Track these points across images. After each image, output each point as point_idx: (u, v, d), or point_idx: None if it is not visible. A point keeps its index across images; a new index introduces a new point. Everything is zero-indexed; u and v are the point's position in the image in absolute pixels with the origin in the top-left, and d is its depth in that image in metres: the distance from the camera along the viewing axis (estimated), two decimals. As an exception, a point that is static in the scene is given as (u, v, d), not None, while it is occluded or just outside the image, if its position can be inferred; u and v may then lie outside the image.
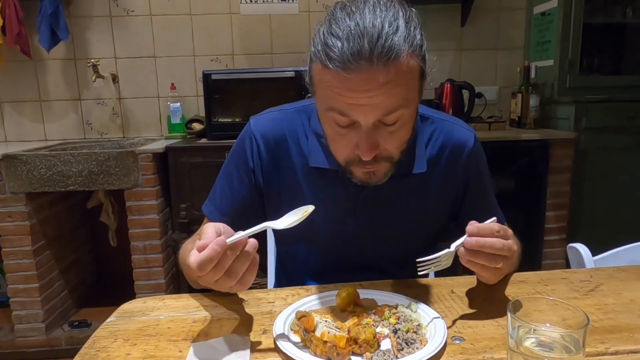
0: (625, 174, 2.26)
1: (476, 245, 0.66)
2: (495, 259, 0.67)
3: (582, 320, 0.45)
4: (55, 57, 2.47)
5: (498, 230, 0.67)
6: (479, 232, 0.66)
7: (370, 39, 0.63)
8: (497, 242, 0.66)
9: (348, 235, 0.89)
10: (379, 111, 0.68)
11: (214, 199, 0.92)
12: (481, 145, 0.93)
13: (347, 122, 0.71)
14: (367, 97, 0.66)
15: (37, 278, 2.08)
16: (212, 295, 0.80)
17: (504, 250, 0.67)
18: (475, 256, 0.67)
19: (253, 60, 2.55)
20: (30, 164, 1.98)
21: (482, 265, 0.68)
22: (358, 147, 0.72)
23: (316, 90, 0.73)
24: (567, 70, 2.30)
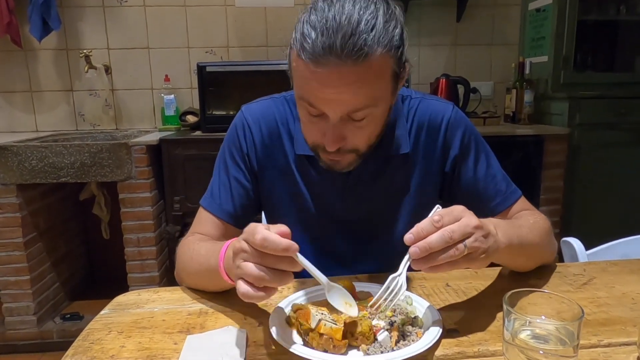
0: (618, 169, 2.27)
1: (422, 252, 0.57)
2: (455, 249, 0.57)
3: (576, 312, 0.46)
4: (47, 47, 2.44)
5: (438, 220, 0.57)
6: (417, 236, 0.57)
7: (344, 35, 0.63)
8: (445, 232, 0.56)
9: (337, 220, 0.90)
10: (346, 107, 0.69)
11: (214, 193, 0.91)
12: (465, 117, 0.91)
13: (317, 112, 0.72)
14: (334, 92, 0.67)
15: (28, 270, 2.06)
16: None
17: (457, 234, 0.57)
18: (429, 261, 0.57)
19: (248, 52, 2.54)
20: (22, 155, 1.96)
21: (451, 263, 0.58)
22: (324, 137, 0.73)
23: (292, 76, 0.74)
24: (562, 66, 2.31)
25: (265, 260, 0.56)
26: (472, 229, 0.58)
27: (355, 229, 0.91)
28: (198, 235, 0.87)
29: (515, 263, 0.81)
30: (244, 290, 0.57)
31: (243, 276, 0.57)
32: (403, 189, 0.90)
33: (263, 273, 0.55)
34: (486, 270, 0.86)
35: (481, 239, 0.59)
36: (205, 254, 0.75)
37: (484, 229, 0.60)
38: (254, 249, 0.56)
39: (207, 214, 0.89)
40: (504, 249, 0.65)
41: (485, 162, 0.90)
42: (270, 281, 0.56)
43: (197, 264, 0.77)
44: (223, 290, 0.78)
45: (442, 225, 0.57)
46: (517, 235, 0.70)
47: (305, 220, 0.91)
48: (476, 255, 0.59)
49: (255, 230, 0.55)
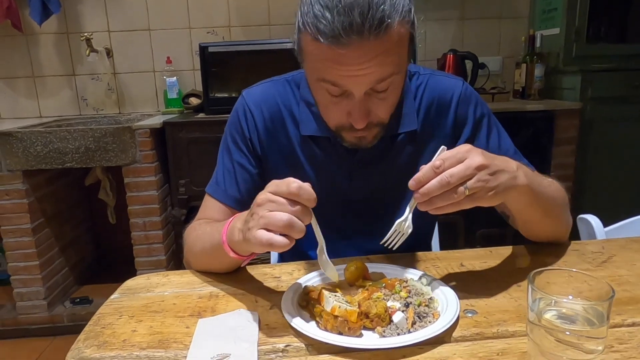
0: (631, 145, 2.22)
1: (425, 196, 0.59)
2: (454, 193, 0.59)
3: (606, 291, 0.43)
4: (48, 32, 2.40)
5: (438, 165, 0.59)
6: (419, 182, 0.60)
7: (361, 11, 0.61)
8: (442, 178, 0.58)
9: (346, 200, 0.89)
10: (372, 80, 0.67)
11: (219, 180, 0.89)
12: (476, 92, 0.90)
13: (339, 91, 0.69)
14: (360, 69, 0.65)
15: (37, 256, 2.07)
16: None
17: (455, 178, 0.58)
18: (432, 204, 0.60)
19: (250, 32, 2.48)
20: (26, 141, 1.95)
21: (454, 204, 0.60)
22: (350, 116, 0.71)
23: (306, 60, 0.71)
24: (574, 38, 2.24)
25: (295, 210, 0.58)
26: (473, 170, 0.59)
27: (363, 208, 0.90)
28: (204, 220, 0.87)
29: (532, 215, 0.76)
30: (268, 237, 0.57)
31: (268, 225, 0.57)
32: (411, 167, 0.87)
33: (293, 220, 0.57)
34: (500, 250, 0.84)
35: (486, 178, 0.60)
36: (210, 231, 0.75)
37: (491, 167, 0.60)
38: (285, 199, 0.58)
39: (213, 201, 0.88)
40: (524, 188, 0.65)
41: (497, 137, 0.89)
42: (297, 228, 0.57)
43: (202, 242, 0.77)
44: (230, 271, 0.77)
45: (442, 171, 0.59)
46: (538, 183, 0.71)
47: None
48: (482, 194, 0.60)
49: (289, 181, 0.58)
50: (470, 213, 0.63)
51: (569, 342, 0.42)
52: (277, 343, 0.57)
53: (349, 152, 0.85)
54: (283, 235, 0.57)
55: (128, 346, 0.58)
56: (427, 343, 0.55)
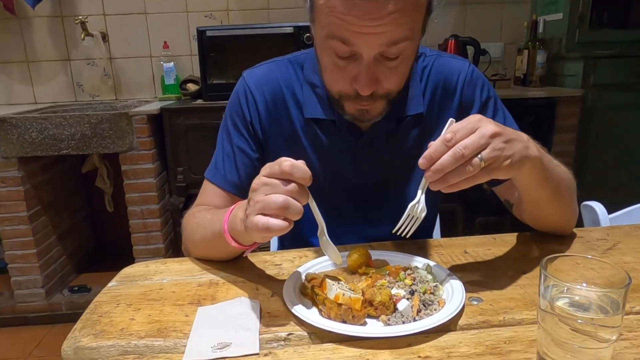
0: (633, 132, 2.21)
1: (436, 175, 0.56)
2: (469, 166, 0.55)
3: (622, 279, 0.42)
4: (41, 15, 2.35)
5: (449, 138, 0.56)
6: (431, 159, 0.56)
7: None
8: (455, 151, 0.55)
9: (349, 184, 0.87)
10: (385, 40, 0.64)
11: (218, 165, 0.87)
12: (483, 75, 0.88)
13: (348, 52, 0.66)
14: (374, 25, 0.62)
15: (34, 244, 2.05)
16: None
17: (469, 150, 0.55)
18: (446, 181, 0.56)
19: (249, 16, 2.44)
20: (21, 128, 1.91)
21: (469, 178, 0.56)
22: (356, 81, 0.68)
23: (317, 16, 0.67)
24: (577, 24, 2.20)
25: (290, 190, 0.55)
26: (487, 139, 0.56)
27: (368, 193, 0.88)
28: (204, 207, 0.85)
29: (540, 193, 0.72)
30: (265, 221, 0.55)
31: (264, 209, 0.55)
32: (417, 150, 0.85)
33: (289, 201, 0.55)
34: (505, 237, 0.83)
35: (501, 146, 0.57)
36: (211, 218, 0.73)
37: (505, 134, 0.58)
38: (278, 179, 0.56)
39: (212, 186, 0.86)
40: (536, 160, 0.63)
41: (503, 121, 0.87)
42: (294, 209, 0.55)
43: (203, 230, 0.75)
44: (230, 259, 0.75)
45: (454, 144, 0.56)
46: (549, 159, 0.69)
47: (315, 187, 0.86)
48: (498, 164, 0.57)
49: (280, 160, 0.56)
50: (470, 200, 0.61)
51: (582, 331, 0.41)
52: (279, 331, 0.56)
53: (354, 135, 0.83)
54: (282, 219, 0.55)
55: (126, 335, 0.56)
56: (432, 331, 0.54)
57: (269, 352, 0.53)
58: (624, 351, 0.51)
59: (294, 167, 0.55)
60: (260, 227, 0.55)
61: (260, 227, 0.55)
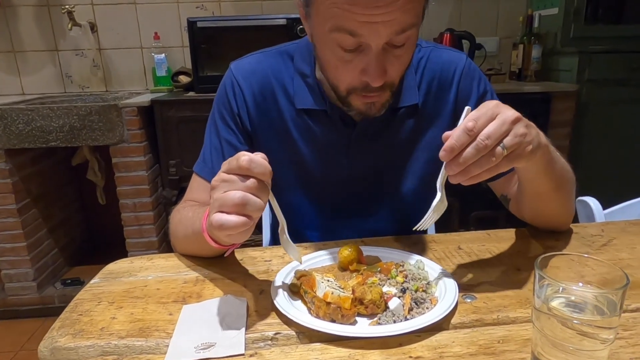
0: (627, 128, 2.20)
1: (459, 166, 0.53)
2: (491, 157, 0.53)
3: (619, 278, 0.40)
4: (27, 4, 2.29)
5: (471, 127, 0.53)
6: (453, 150, 0.53)
7: None
8: (479, 143, 0.52)
9: (342, 177, 0.85)
10: (394, 28, 0.61)
11: (206, 158, 0.85)
12: (478, 68, 0.86)
13: (354, 44, 0.63)
14: (382, 13, 0.59)
15: (24, 237, 2.02)
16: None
17: (492, 139, 0.52)
18: (468, 173, 0.54)
19: (241, 7, 2.39)
20: (7, 119, 1.88)
21: (491, 169, 0.54)
22: (366, 73, 0.65)
23: (316, 10, 0.65)
24: (572, 19, 2.19)
25: (249, 185, 0.53)
26: (509, 125, 0.54)
27: (362, 185, 0.86)
28: (189, 203, 0.83)
29: (544, 184, 0.70)
30: (218, 218, 0.52)
31: (222, 207, 0.53)
32: (412, 142, 0.84)
33: (247, 197, 0.52)
34: (499, 233, 0.82)
35: (522, 132, 0.55)
36: (192, 216, 0.71)
37: (524, 119, 0.56)
38: (236, 175, 0.53)
39: (200, 180, 0.84)
40: (545, 147, 0.62)
41: None
42: (253, 205, 0.52)
43: (184, 228, 0.73)
44: (216, 256, 0.73)
45: (477, 133, 0.53)
46: (553, 150, 0.68)
47: (307, 181, 0.85)
48: (520, 151, 0.55)
49: (238, 155, 0.53)
50: (465, 194, 0.59)
51: (578, 331, 0.39)
52: (266, 331, 0.54)
53: (347, 126, 0.81)
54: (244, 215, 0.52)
55: (106, 335, 0.54)
56: (424, 330, 0.53)
57: (255, 353, 0.51)
58: (620, 350, 0.50)
59: (252, 162, 0.53)
60: (215, 226, 0.52)
61: (215, 225, 0.52)
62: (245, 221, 0.52)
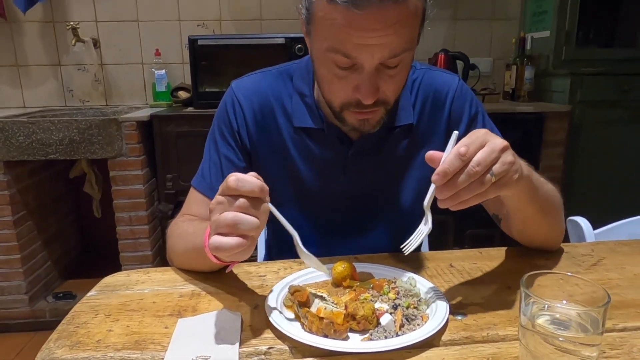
0: (619, 148, 2.24)
1: (450, 191, 0.55)
2: (480, 184, 0.55)
3: (601, 297, 0.42)
4: (32, 20, 2.33)
5: (464, 152, 0.54)
6: (446, 174, 0.54)
7: None
8: (470, 170, 0.54)
9: (339, 194, 0.87)
10: (386, 52, 0.64)
11: (204, 173, 0.87)
12: (470, 89, 0.89)
13: (349, 63, 0.66)
14: (376, 36, 0.62)
15: (18, 249, 2.02)
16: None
17: (482, 166, 0.54)
18: (458, 198, 0.55)
19: (241, 26, 2.44)
20: (8, 131, 1.89)
21: (479, 195, 0.55)
22: (358, 91, 0.68)
23: (316, 28, 0.68)
24: (564, 41, 2.25)
25: (240, 205, 0.53)
26: (498, 152, 0.56)
27: (358, 203, 0.87)
28: (188, 217, 0.84)
29: (529, 211, 0.72)
30: (214, 240, 0.53)
31: (218, 229, 0.54)
32: (407, 161, 0.86)
33: (238, 216, 0.53)
34: (491, 251, 0.83)
35: (510, 160, 0.57)
36: (193, 232, 0.72)
37: (511, 149, 0.58)
38: (228, 196, 0.54)
39: (198, 194, 0.85)
40: (526, 177, 0.63)
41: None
42: (246, 224, 0.53)
43: (185, 243, 0.74)
44: (213, 271, 0.74)
45: (469, 158, 0.54)
46: (536, 177, 0.69)
47: (304, 197, 0.87)
48: (508, 179, 0.57)
49: (227, 177, 0.54)
50: (460, 212, 0.60)
51: (562, 348, 0.40)
52: (259, 345, 0.55)
53: (344, 144, 0.83)
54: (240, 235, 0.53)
55: (102, 347, 0.55)
56: (415, 347, 0.54)
57: (248, 366, 0.52)
58: (606, 369, 0.51)
59: (239, 181, 0.53)
60: (213, 249, 0.54)
61: (211, 248, 0.54)
62: (240, 242, 0.53)
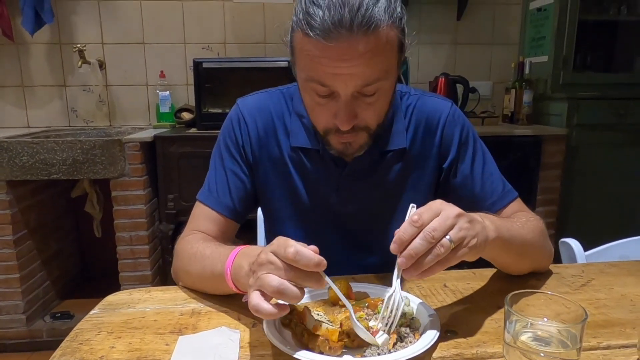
0: (615, 171, 2.27)
1: (409, 261, 0.55)
2: (440, 247, 0.56)
3: (579, 314, 0.44)
4: (39, 41, 2.40)
5: (417, 219, 0.56)
6: (402, 242, 0.56)
7: (351, 9, 0.64)
8: (426, 234, 0.55)
9: (333, 213, 0.90)
10: (358, 81, 0.68)
11: (211, 187, 0.89)
12: (464, 115, 0.91)
13: (327, 92, 0.71)
14: (347, 66, 0.66)
15: (17, 269, 2.02)
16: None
17: (439, 232, 0.55)
18: (418, 268, 0.56)
19: (245, 49, 2.51)
20: (12, 151, 1.93)
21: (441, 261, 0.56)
22: (336, 117, 0.72)
23: (297, 59, 0.72)
24: (561, 66, 2.30)
25: (292, 275, 0.54)
26: (453, 219, 0.57)
27: (351, 223, 0.90)
28: (199, 234, 0.85)
29: (507, 260, 0.76)
30: (256, 302, 0.54)
31: (261, 287, 0.54)
32: (399, 184, 0.89)
33: (284, 286, 0.53)
34: (484, 272, 0.85)
35: (466, 226, 0.58)
36: (211, 256, 0.72)
37: (467, 215, 0.59)
38: (283, 262, 0.54)
39: (205, 208, 0.88)
40: (494, 240, 0.64)
41: (482, 160, 0.90)
42: (289, 295, 0.53)
43: (201, 266, 0.74)
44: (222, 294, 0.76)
45: (422, 224, 0.56)
46: (508, 229, 0.69)
47: (300, 214, 0.90)
48: (466, 243, 0.58)
49: (287, 244, 0.54)
50: None
51: (544, 365, 0.42)
52: (257, 361, 0.57)
53: (338, 165, 0.86)
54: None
55: (105, 362, 0.57)
56: (407, 364, 0.55)
57: (245, 382, 0.54)
58: (592, 387, 0.53)
59: (299, 254, 0.53)
60: (251, 308, 0.54)
61: (252, 307, 0.54)
62: (275, 312, 0.53)
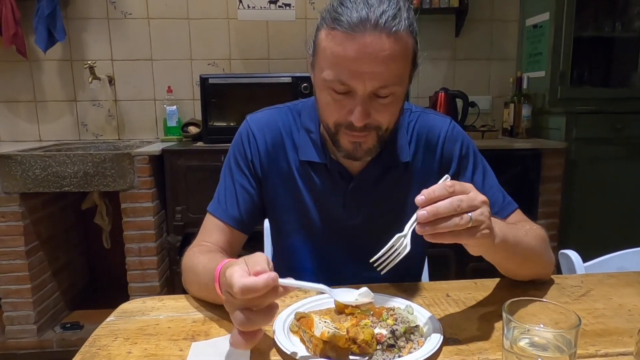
0: (614, 183, 2.30)
1: (430, 216, 0.57)
2: (460, 218, 0.58)
3: (574, 321, 0.47)
4: (52, 58, 2.47)
5: (450, 185, 0.59)
6: (430, 199, 0.58)
7: (375, 11, 0.70)
8: (454, 200, 0.58)
9: (339, 225, 0.93)
10: (377, 82, 0.73)
11: (220, 199, 0.93)
12: (462, 131, 0.95)
13: (344, 89, 0.75)
14: (369, 64, 0.71)
15: (29, 279, 2.06)
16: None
17: (465, 204, 0.58)
18: (435, 226, 0.58)
19: (250, 65, 2.57)
20: (25, 164, 1.98)
21: (452, 233, 0.58)
22: (351, 113, 0.76)
23: (319, 58, 0.77)
24: (558, 81, 2.34)
25: (252, 304, 0.55)
26: (480, 203, 0.60)
27: (356, 235, 0.93)
28: (203, 246, 0.88)
29: (511, 264, 0.79)
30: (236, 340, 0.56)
31: (236, 322, 0.56)
32: (403, 197, 0.92)
33: (250, 321, 0.55)
34: (486, 282, 0.88)
35: (487, 215, 0.61)
36: (203, 270, 0.75)
37: (489, 209, 0.62)
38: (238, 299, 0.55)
39: (214, 220, 0.92)
40: (501, 241, 0.67)
41: (482, 173, 0.94)
42: (259, 322, 0.55)
43: (196, 277, 0.78)
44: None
45: (454, 192, 0.59)
46: (513, 234, 0.72)
47: (307, 226, 0.94)
48: (481, 229, 0.60)
49: (232, 283, 0.53)
50: (461, 245, 0.64)
51: (539, 368, 0.45)
52: (267, 366, 0.60)
53: (344, 179, 0.90)
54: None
55: (125, 366, 0.60)
56: (410, 369, 0.58)
57: (257, 386, 0.57)
58: (587, 391, 0.55)
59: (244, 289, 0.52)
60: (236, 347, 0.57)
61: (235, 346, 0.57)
62: (254, 340, 0.56)
